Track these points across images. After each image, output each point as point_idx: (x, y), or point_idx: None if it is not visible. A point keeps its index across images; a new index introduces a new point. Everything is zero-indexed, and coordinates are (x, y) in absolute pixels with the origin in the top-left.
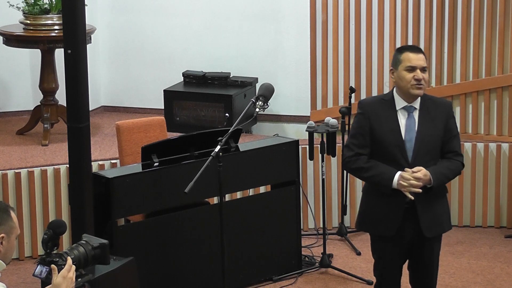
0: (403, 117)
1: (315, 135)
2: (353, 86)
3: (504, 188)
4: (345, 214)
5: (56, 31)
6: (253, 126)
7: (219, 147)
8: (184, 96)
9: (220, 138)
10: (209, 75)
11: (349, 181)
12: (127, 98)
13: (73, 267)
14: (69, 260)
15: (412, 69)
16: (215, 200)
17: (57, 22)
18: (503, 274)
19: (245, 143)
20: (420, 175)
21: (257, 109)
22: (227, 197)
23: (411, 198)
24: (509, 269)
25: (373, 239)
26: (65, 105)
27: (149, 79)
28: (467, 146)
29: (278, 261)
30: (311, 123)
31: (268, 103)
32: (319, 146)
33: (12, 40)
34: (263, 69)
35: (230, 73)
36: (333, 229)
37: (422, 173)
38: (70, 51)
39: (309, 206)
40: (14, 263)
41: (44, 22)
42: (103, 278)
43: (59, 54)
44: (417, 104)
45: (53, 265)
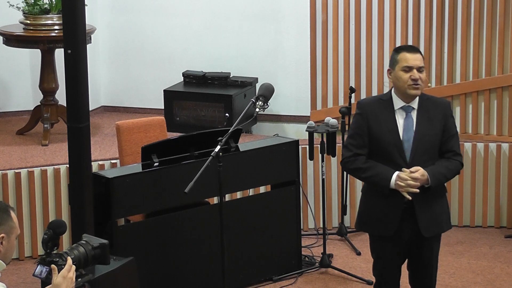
0: (401, 117)
1: (315, 135)
2: (353, 86)
3: (504, 188)
4: (345, 214)
5: (56, 31)
6: (253, 126)
7: (219, 147)
8: (184, 96)
9: (220, 138)
10: (209, 75)
11: (349, 181)
12: (127, 98)
13: (73, 267)
14: (69, 260)
15: (409, 69)
16: (215, 200)
17: (57, 22)
18: (503, 274)
19: (245, 143)
20: (417, 175)
21: (257, 109)
22: (227, 197)
23: (409, 198)
24: (509, 269)
25: (372, 239)
26: (65, 105)
27: (149, 79)
28: (467, 146)
29: (278, 261)
30: (311, 123)
31: (268, 103)
32: (319, 146)
33: (12, 40)
34: (263, 69)
35: (230, 73)
36: (333, 229)
37: (420, 173)
38: (70, 51)
39: (309, 206)
40: (14, 263)
41: (44, 22)
42: (103, 278)
43: (59, 54)
44: (415, 104)
45: (53, 265)
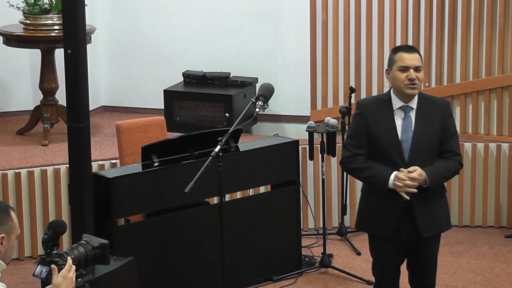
0: (399, 117)
1: (315, 135)
2: (353, 86)
3: (504, 188)
4: (345, 214)
5: (56, 31)
6: (253, 126)
7: (219, 147)
8: (184, 96)
9: (220, 138)
10: (209, 75)
11: (349, 181)
12: (127, 98)
13: (73, 267)
14: (69, 260)
15: (405, 69)
16: (215, 200)
17: (57, 22)
18: (503, 274)
19: (245, 143)
20: (415, 175)
21: (257, 109)
22: (227, 197)
23: (407, 198)
24: (509, 269)
25: (371, 239)
26: (65, 105)
27: (149, 79)
28: (467, 146)
29: (278, 261)
30: (311, 123)
31: (268, 103)
32: (319, 146)
33: (12, 40)
34: (263, 69)
35: (230, 73)
36: (333, 229)
37: (417, 173)
38: (70, 51)
39: (309, 206)
40: (14, 263)
41: (44, 22)
42: (103, 278)
43: (59, 54)
44: (414, 104)
45: (53, 265)
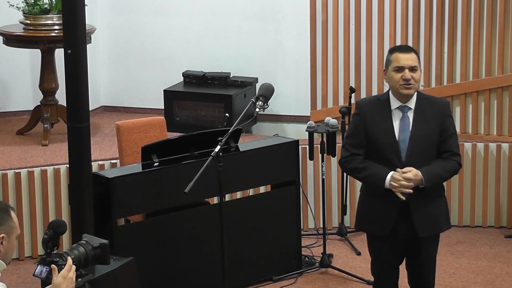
0: (397, 117)
1: (315, 135)
2: (353, 86)
3: (504, 188)
4: (345, 214)
5: (56, 31)
6: (253, 126)
7: (219, 147)
8: (184, 96)
9: (220, 138)
10: (209, 75)
11: (349, 181)
12: (127, 98)
13: (73, 267)
14: (69, 260)
15: (400, 69)
16: (215, 200)
17: (57, 22)
18: (503, 274)
19: (245, 143)
20: (410, 175)
21: (257, 109)
22: (227, 197)
23: (403, 198)
24: (509, 269)
25: (369, 238)
26: (65, 105)
27: (149, 79)
28: (467, 146)
29: (278, 261)
30: (311, 123)
31: (268, 103)
32: (319, 146)
33: (12, 40)
34: (263, 69)
35: (230, 73)
36: (333, 229)
37: (413, 173)
38: (70, 51)
39: (309, 206)
40: (14, 263)
41: (44, 22)
42: (103, 278)
43: (59, 54)
44: (412, 104)
45: (53, 265)
